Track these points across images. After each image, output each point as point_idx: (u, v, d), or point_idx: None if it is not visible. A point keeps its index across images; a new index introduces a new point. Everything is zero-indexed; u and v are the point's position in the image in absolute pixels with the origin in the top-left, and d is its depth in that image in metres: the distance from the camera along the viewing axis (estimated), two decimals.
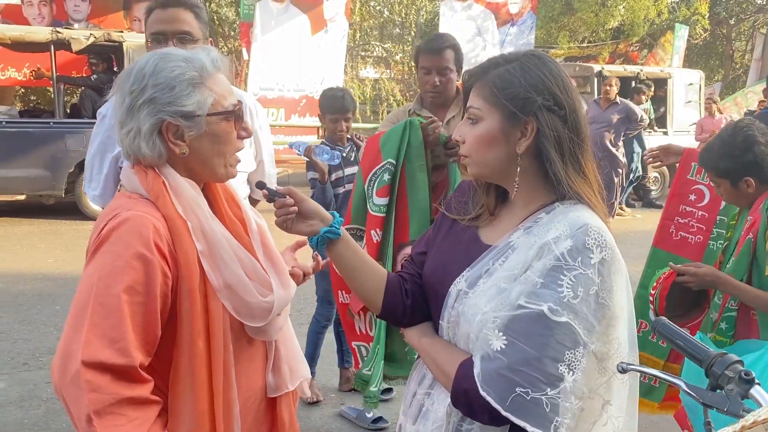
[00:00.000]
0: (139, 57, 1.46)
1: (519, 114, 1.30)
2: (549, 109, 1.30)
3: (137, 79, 1.38)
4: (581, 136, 1.34)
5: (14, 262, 6.44)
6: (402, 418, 1.48)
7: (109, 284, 1.27)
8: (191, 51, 1.44)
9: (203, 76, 1.39)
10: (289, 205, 1.41)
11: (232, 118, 1.42)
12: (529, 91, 1.30)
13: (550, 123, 1.30)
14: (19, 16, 11.59)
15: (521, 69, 1.32)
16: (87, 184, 2.50)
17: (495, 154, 1.34)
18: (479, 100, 1.35)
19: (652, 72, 12.27)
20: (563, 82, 1.33)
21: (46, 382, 3.87)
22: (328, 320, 3.80)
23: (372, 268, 1.48)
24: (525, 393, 1.19)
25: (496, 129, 1.33)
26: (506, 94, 1.31)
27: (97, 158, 2.38)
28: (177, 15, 2.17)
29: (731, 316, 2.32)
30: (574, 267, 1.23)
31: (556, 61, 1.37)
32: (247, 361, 1.48)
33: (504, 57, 1.37)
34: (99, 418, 1.21)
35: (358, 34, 17.89)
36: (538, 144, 1.31)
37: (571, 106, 1.32)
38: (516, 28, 13.79)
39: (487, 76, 1.35)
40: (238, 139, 1.46)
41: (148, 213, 1.34)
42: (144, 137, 1.37)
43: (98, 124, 2.40)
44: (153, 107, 1.36)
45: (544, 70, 1.32)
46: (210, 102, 1.38)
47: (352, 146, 3.74)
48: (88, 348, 1.23)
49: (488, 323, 1.25)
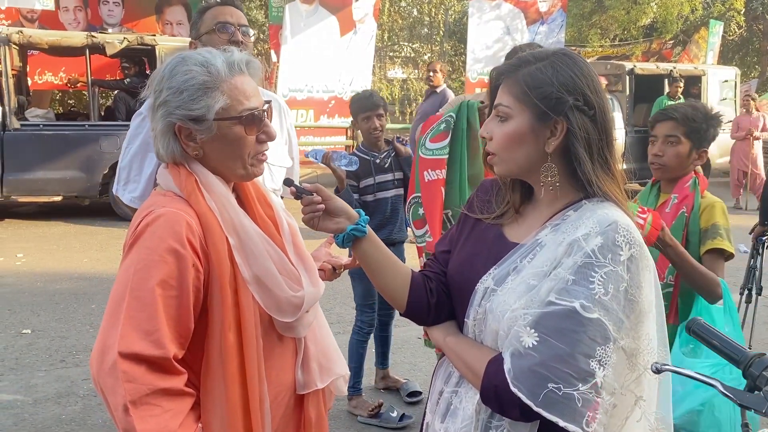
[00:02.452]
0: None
1: (550, 113, 1.30)
2: (579, 109, 1.30)
3: (158, 81, 1.43)
4: (609, 136, 1.35)
5: (51, 261, 6.59)
6: (429, 416, 1.48)
7: (143, 278, 1.30)
8: (213, 54, 1.44)
9: (217, 80, 1.40)
10: (316, 203, 1.43)
11: (243, 122, 1.42)
12: (560, 90, 1.30)
13: (581, 123, 1.30)
14: (56, 22, 11.87)
15: (552, 68, 1.32)
16: (122, 186, 2.38)
17: (524, 153, 1.34)
18: (509, 97, 1.35)
19: (685, 69, 12.07)
20: (593, 81, 1.33)
21: (82, 379, 3.95)
22: (371, 326, 3.70)
23: (397, 266, 1.49)
24: (557, 389, 1.19)
25: (525, 127, 1.32)
26: (538, 93, 1.31)
27: (138, 158, 2.33)
28: (236, 11, 2.33)
29: (668, 292, 2.27)
30: (605, 264, 1.23)
31: (586, 60, 1.37)
32: (278, 357, 1.50)
33: (534, 55, 1.36)
34: (135, 407, 1.24)
35: (386, 34, 17.90)
36: (568, 143, 1.31)
37: (600, 107, 1.32)
38: (546, 26, 13.65)
39: (517, 74, 1.34)
40: (257, 143, 1.46)
41: (181, 210, 1.37)
42: (158, 137, 1.42)
43: (138, 124, 2.34)
44: (165, 110, 1.40)
45: (575, 70, 1.32)
46: (220, 106, 1.39)
47: (390, 151, 3.64)
48: (124, 340, 1.26)
49: (518, 320, 1.25)
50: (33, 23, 11.79)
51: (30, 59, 10.19)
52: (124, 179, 2.37)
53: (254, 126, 1.44)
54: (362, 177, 3.51)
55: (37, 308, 5.20)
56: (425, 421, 1.50)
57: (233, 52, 1.46)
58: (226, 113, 1.40)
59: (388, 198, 3.60)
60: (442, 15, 19.02)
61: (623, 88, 11.18)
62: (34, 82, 11.07)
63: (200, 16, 2.31)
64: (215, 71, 1.40)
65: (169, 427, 1.27)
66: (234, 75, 1.42)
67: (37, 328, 4.80)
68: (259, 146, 1.47)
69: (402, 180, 3.64)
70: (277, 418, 1.50)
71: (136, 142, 2.33)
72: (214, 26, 2.27)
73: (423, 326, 1.54)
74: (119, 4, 12.54)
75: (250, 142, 1.44)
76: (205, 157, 1.44)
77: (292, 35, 11.55)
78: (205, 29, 2.28)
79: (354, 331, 3.70)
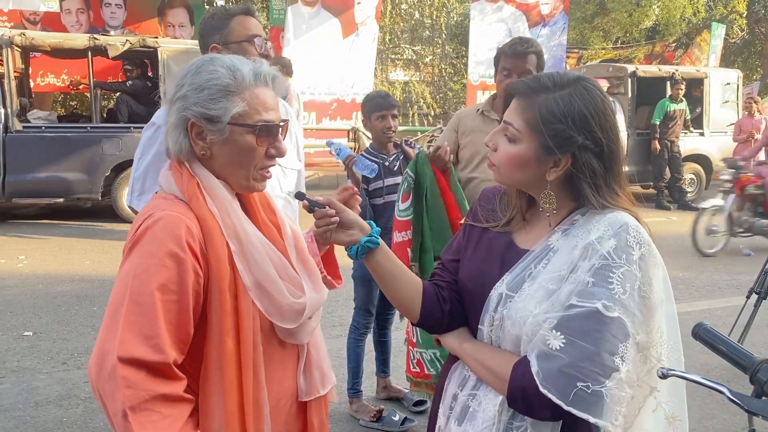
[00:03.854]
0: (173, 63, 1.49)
1: (556, 150, 1.33)
2: (586, 148, 1.33)
3: (183, 75, 1.43)
4: (615, 169, 1.37)
5: (53, 263, 6.59)
6: (442, 419, 1.48)
7: (143, 282, 1.29)
8: (242, 61, 1.44)
9: (240, 86, 1.40)
10: (329, 216, 1.46)
11: (256, 133, 1.41)
12: (572, 129, 1.32)
13: (586, 162, 1.33)
14: (58, 24, 11.90)
15: (569, 101, 1.33)
16: (136, 197, 2.34)
17: (523, 176, 1.38)
18: (520, 121, 1.36)
19: (687, 72, 12.06)
20: (606, 120, 1.35)
21: (84, 382, 3.94)
22: (367, 329, 3.69)
23: (409, 277, 1.52)
24: (586, 387, 1.23)
25: (530, 155, 1.35)
26: (549, 129, 1.33)
27: (152, 169, 2.27)
28: (258, 23, 2.35)
29: None
30: (621, 264, 1.28)
31: (603, 92, 1.38)
32: (279, 363, 1.49)
33: (553, 80, 1.36)
34: (134, 413, 1.23)
35: (387, 36, 17.92)
36: (570, 174, 1.35)
37: (608, 146, 1.35)
38: (548, 29, 13.66)
39: (534, 99, 1.35)
40: (266, 157, 1.45)
41: (181, 213, 1.36)
42: (170, 130, 1.42)
43: (151, 135, 2.30)
44: (182, 104, 1.40)
45: (591, 108, 1.33)
46: (237, 111, 1.39)
47: (398, 154, 3.60)
48: (123, 345, 1.25)
49: (543, 324, 1.28)
50: (36, 25, 11.82)
51: (32, 61, 10.21)
52: (138, 190, 2.35)
53: (266, 139, 1.43)
54: (372, 180, 3.47)
55: (38, 310, 5.20)
56: (437, 425, 1.50)
57: (263, 63, 1.46)
58: (241, 119, 1.40)
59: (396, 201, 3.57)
60: (444, 17, 19.04)
61: (625, 90, 11.17)
62: (37, 84, 11.09)
63: (224, 22, 2.29)
64: (240, 77, 1.40)
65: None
66: (258, 85, 1.42)
67: (39, 330, 4.80)
68: (267, 161, 1.46)
69: None
70: (279, 425, 1.48)
71: (150, 152, 2.30)
72: (247, 38, 2.27)
73: (435, 334, 1.55)
74: (121, 6, 12.58)
75: (259, 154, 1.44)
76: (211, 159, 1.43)
77: (294, 37, 11.56)
78: (236, 38, 2.27)
79: (351, 331, 3.69)
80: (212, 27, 2.31)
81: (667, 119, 10.83)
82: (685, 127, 11.15)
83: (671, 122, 10.83)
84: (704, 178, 11.54)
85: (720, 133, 11.56)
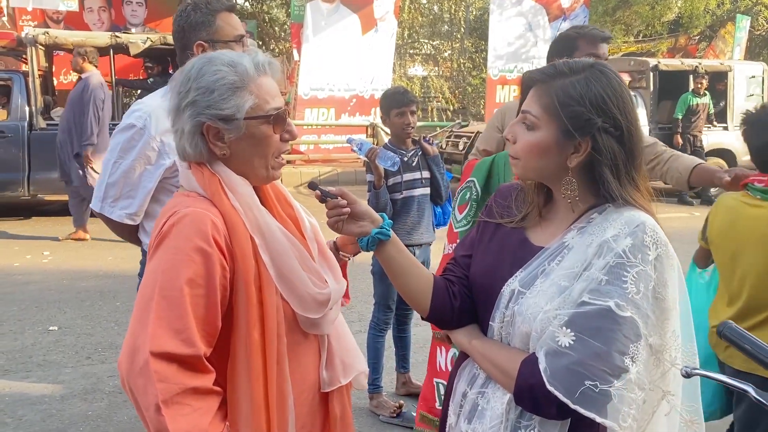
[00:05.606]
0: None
1: (576, 134, 1.31)
2: (606, 131, 1.31)
3: (183, 82, 1.44)
4: (635, 153, 1.35)
5: (77, 259, 6.68)
6: (452, 417, 1.48)
7: (171, 277, 1.31)
8: (238, 55, 1.47)
9: (245, 80, 1.42)
10: (341, 207, 1.46)
11: (272, 121, 1.44)
12: (590, 111, 1.31)
13: (607, 145, 1.32)
14: (80, 22, 12.05)
15: (586, 85, 1.32)
16: (109, 204, 2.23)
17: (545, 164, 1.36)
18: (538, 108, 1.35)
19: (711, 65, 11.88)
20: (624, 101, 1.34)
21: (108, 376, 4.01)
22: (387, 324, 3.70)
23: (419, 270, 1.51)
24: (593, 386, 1.21)
25: (550, 141, 1.34)
26: (568, 112, 1.32)
27: (132, 173, 2.19)
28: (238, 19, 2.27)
29: None
30: (636, 264, 1.26)
31: (619, 76, 1.37)
32: (302, 355, 1.51)
33: (569, 66, 1.36)
34: (166, 407, 1.25)
35: (406, 32, 17.88)
36: (591, 160, 1.33)
37: (628, 128, 1.33)
38: (568, 22, 13.52)
39: (551, 85, 1.35)
40: (281, 141, 1.48)
41: (205, 209, 1.38)
42: (186, 138, 1.43)
43: (131, 137, 2.18)
44: (194, 110, 1.41)
45: (608, 90, 1.32)
46: (249, 105, 1.41)
47: (417, 150, 3.61)
48: (155, 339, 1.27)
49: (552, 321, 1.27)
50: (58, 24, 11.98)
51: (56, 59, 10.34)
52: (113, 196, 2.23)
53: (280, 125, 1.46)
54: (390, 174, 3.48)
55: (63, 305, 5.28)
56: (448, 423, 1.50)
57: (257, 53, 1.48)
58: (254, 112, 1.42)
59: (415, 197, 3.57)
60: (463, 12, 18.94)
61: (647, 84, 11.04)
62: (60, 82, 11.25)
63: (209, 18, 2.20)
64: (243, 71, 1.42)
65: (200, 425, 1.28)
66: (260, 75, 1.44)
67: (64, 325, 4.88)
68: (283, 145, 1.49)
69: (429, 179, 3.63)
70: (302, 416, 1.50)
71: (129, 156, 2.18)
72: (234, 38, 2.23)
73: (444, 330, 1.55)
74: (142, 4, 12.70)
75: (275, 141, 1.47)
76: (231, 157, 1.45)
77: (313, 34, 11.60)
78: (224, 37, 2.20)
79: (371, 326, 3.71)
80: (196, 22, 2.19)
81: (689, 113, 10.69)
82: (709, 122, 10.99)
83: (694, 116, 10.68)
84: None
85: None
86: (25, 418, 3.51)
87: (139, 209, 2.24)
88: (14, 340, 4.56)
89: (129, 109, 2.30)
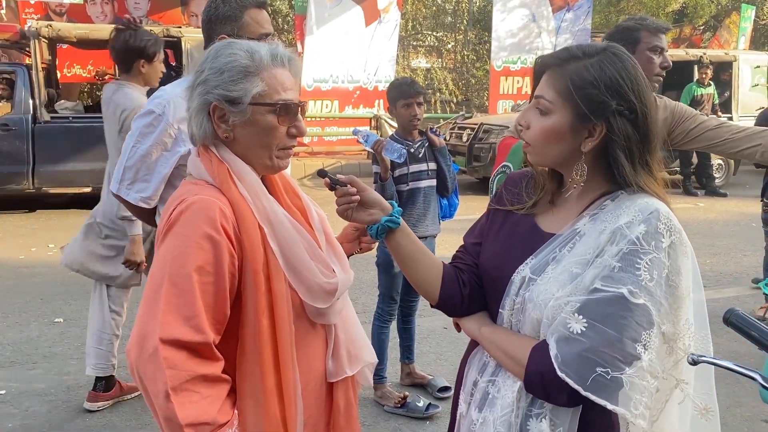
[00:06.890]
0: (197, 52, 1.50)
1: (591, 117, 1.30)
2: (621, 114, 1.30)
3: (202, 62, 1.46)
4: (650, 137, 1.34)
5: None
6: (463, 405, 1.48)
7: (181, 264, 1.31)
8: (259, 44, 1.48)
9: (258, 66, 1.42)
10: (351, 194, 1.45)
11: (278, 112, 1.43)
12: (605, 93, 1.29)
13: (621, 128, 1.30)
14: (83, 15, 12.04)
15: (600, 68, 1.31)
16: (126, 186, 2.31)
17: (559, 149, 1.35)
18: (552, 92, 1.34)
19: (715, 55, 11.82)
20: (638, 85, 1.32)
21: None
22: (391, 316, 3.70)
23: (429, 258, 1.51)
24: (605, 373, 1.21)
25: (564, 125, 1.33)
26: (582, 94, 1.30)
27: (149, 158, 2.27)
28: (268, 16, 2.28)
29: None
30: (649, 251, 1.25)
31: (633, 59, 1.35)
32: (309, 344, 1.51)
33: (582, 50, 1.35)
34: (175, 394, 1.25)
35: (409, 23, 17.81)
36: (606, 144, 1.32)
37: (642, 111, 1.32)
38: (572, 13, 13.48)
39: (564, 69, 1.33)
40: (287, 136, 1.47)
41: (213, 197, 1.38)
42: (193, 116, 1.44)
43: (149, 123, 2.26)
44: (204, 88, 1.43)
45: (623, 73, 1.31)
46: (257, 91, 1.41)
47: (423, 141, 3.60)
48: (165, 326, 1.27)
49: (564, 307, 1.26)
50: (62, 17, 11.97)
51: (59, 52, 10.34)
52: (129, 179, 2.31)
53: (287, 117, 1.45)
54: (397, 166, 3.47)
55: (68, 297, 5.30)
56: (459, 411, 1.50)
57: (278, 45, 1.49)
58: (261, 99, 1.42)
59: (421, 188, 3.56)
60: (466, 3, 18.86)
61: None
62: (63, 75, 11.24)
63: (237, 12, 2.20)
64: (258, 58, 1.43)
65: (209, 413, 1.28)
66: (276, 66, 1.45)
67: (69, 317, 4.90)
68: (289, 140, 1.48)
69: (435, 171, 3.62)
70: (309, 406, 1.50)
71: (146, 141, 2.26)
72: (259, 36, 2.22)
73: (454, 318, 1.54)
74: None
75: (281, 134, 1.46)
76: (234, 141, 1.45)
77: (317, 25, 11.57)
78: (249, 35, 2.20)
79: (375, 317, 3.71)
80: (224, 16, 2.21)
81: (694, 104, 10.64)
82: (713, 112, 10.95)
83: (698, 107, 10.63)
84: (732, 164, 11.33)
85: (749, 117, 11.30)
86: (31, 410, 3.53)
87: (153, 193, 2.31)
88: (20, 332, 4.58)
89: (152, 95, 2.37)
